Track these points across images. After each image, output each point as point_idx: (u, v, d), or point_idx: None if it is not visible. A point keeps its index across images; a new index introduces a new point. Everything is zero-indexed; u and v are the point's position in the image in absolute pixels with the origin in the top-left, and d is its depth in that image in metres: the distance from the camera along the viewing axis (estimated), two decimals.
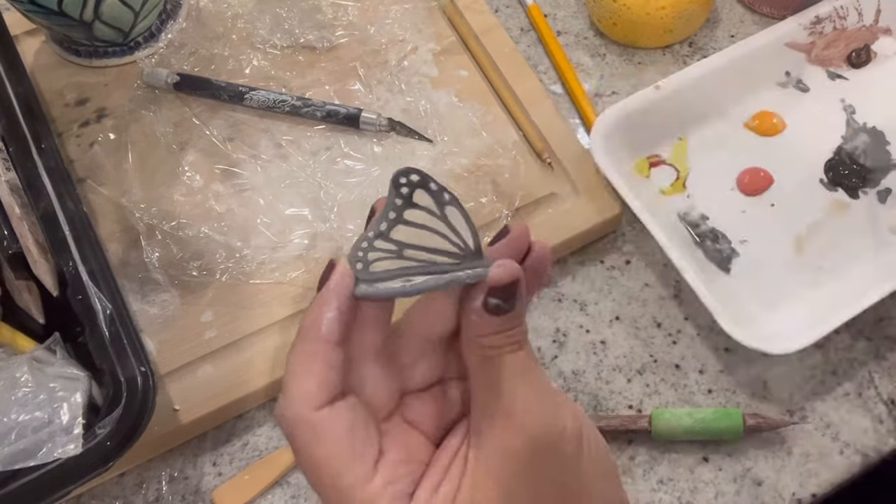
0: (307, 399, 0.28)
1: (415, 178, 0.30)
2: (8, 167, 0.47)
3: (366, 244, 0.30)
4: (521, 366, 0.29)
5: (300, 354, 0.29)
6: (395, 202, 0.30)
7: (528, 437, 0.28)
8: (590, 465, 0.30)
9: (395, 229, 0.30)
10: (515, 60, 0.61)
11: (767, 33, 0.60)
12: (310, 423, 0.28)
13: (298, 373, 0.29)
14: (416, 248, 0.30)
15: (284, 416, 0.29)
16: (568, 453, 0.29)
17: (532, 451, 0.28)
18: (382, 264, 0.30)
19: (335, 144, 0.58)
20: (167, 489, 0.49)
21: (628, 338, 0.53)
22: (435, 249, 0.30)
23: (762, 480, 0.49)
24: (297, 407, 0.28)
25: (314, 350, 0.29)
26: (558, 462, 0.29)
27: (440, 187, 0.30)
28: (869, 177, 0.58)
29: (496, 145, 0.58)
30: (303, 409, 0.28)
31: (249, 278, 0.53)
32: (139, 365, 0.41)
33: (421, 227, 0.30)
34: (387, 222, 0.30)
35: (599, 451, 0.31)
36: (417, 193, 0.30)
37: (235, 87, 0.59)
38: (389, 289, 0.29)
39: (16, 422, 0.39)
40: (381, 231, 0.30)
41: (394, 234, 0.30)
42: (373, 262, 0.30)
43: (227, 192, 0.57)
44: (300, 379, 0.29)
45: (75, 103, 0.61)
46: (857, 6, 0.62)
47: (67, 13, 0.57)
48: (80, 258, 0.44)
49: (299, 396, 0.29)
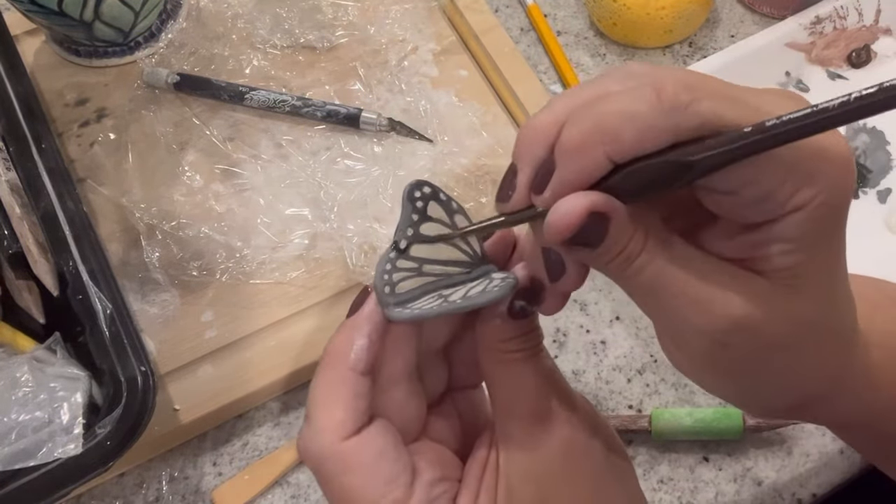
0: (336, 429, 0.27)
1: (427, 189, 0.29)
2: (8, 167, 0.47)
3: (389, 265, 0.29)
4: (545, 368, 0.29)
5: (326, 383, 0.28)
6: (412, 217, 0.29)
7: (561, 437, 0.28)
8: (617, 463, 0.30)
9: (414, 247, 0.29)
10: (515, 60, 0.61)
11: (767, 33, 0.60)
12: (339, 455, 0.27)
13: (324, 402, 0.28)
14: (432, 263, 0.29)
15: (309, 450, 0.28)
16: (599, 452, 0.29)
17: (566, 453, 0.28)
18: (406, 284, 0.29)
19: (335, 144, 0.58)
20: (167, 489, 0.49)
21: (628, 338, 0.53)
22: (448, 261, 0.30)
23: (762, 480, 0.49)
24: (325, 439, 0.27)
25: (340, 378, 0.28)
26: (591, 462, 0.29)
27: (448, 197, 0.30)
28: (869, 177, 0.58)
29: (496, 145, 0.58)
30: (331, 440, 0.27)
31: (249, 278, 0.53)
32: (139, 365, 0.41)
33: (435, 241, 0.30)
34: (406, 239, 0.29)
35: (621, 448, 0.31)
36: (431, 206, 0.29)
37: (235, 87, 0.59)
38: (430, 309, 0.28)
39: (16, 422, 0.39)
40: (402, 249, 0.29)
41: (413, 251, 0.29)
42: (398, 282, 0.29)
43: (227, 192, 0.57)
44: (327, 409, 0.28)
45: (75, 103, 0.61)
46: (857, 6, 0.62)
47: (67, 13, 0.57)
48: (80, 258, 0.44)
49: (328, 427, 0.27)
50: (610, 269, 0.25)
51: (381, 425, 0.28)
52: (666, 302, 0.25)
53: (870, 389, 0.30)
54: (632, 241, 0.24)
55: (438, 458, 0.30)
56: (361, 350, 0.28)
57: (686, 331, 0.25)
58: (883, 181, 0.58)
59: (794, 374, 0.27)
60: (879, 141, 0.59)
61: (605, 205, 0.24)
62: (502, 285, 0.28)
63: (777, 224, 0.23)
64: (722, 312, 0.24)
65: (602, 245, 0.24)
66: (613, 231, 0.24)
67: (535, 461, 0.28)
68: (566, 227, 0.24)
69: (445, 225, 0.29)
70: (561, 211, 0.24)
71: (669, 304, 0.25)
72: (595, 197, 0.24)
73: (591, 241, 0.24)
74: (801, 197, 0.23)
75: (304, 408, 0.52)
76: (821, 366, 0.28)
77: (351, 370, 0.28)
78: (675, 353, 0.28)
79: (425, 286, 0.29)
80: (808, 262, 0.24)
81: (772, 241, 0.24)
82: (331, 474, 0.27)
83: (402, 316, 0.28)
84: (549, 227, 0.24)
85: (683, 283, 0.24)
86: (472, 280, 0.29)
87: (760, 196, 0.23)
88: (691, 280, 0.24)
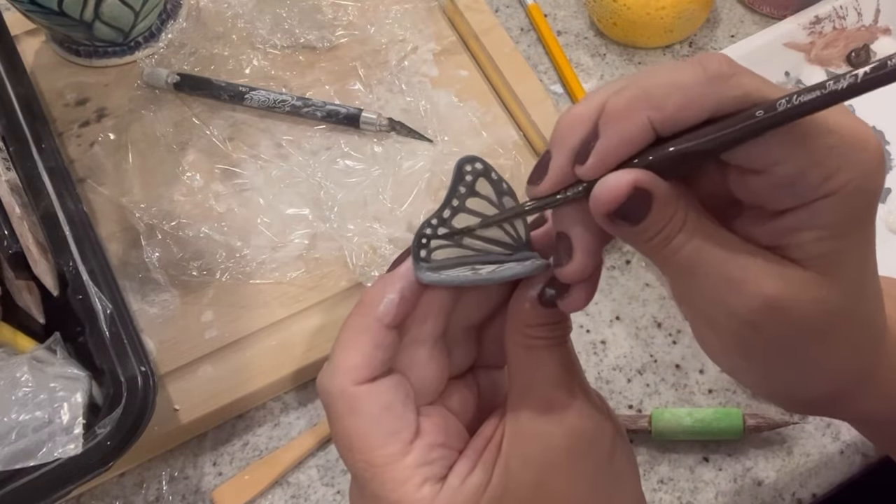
0: (349, 372, 0.28)
1: (479, 166, 0.30)
2: (8, 167, 0.47)
3: (430, 230, 0.30)
4: (566, 360, 0.30)
5: (352, 327, 0.29)
6: (459, 189, 0.30)
7: (570, 431, 0.28)
8: (621, 465, 0.30)
9: (457, 217, 0.30)
10: (515, 60, 0.61)
11: (767, 33, 0.60)
12: (348, 396, 0.28)
13: (346, 346, 0.29)
14: (474, 237, 0.30)
15: (324, 386, 0.29)
16: (604, 451, 0.29)
17: (571, 446, 0.28)
18: (443, 252, 0.30)
19: (335, 144, 0.58)
20: (167, 489, 0.49)
21: (628, 338, 0.53)
22: (490, 239, 0.30)
23: (762, 480, 0.49)
24: (339, 379, 0.28)
25: (366, 326, 0.29)
26: (594, 459, 0.29)
27: (499, 177, 0.30)
28: None
29: (496, 145, 0.58)
30: (344, 382, 0.28)
31: (249, 278, 0.53)
32: (139, 365, 0.41)
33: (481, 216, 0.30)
34: (450, 209, 0.30)
35: (629, 451, 0.31)
36: (480, 182, 0.30)
37: (235, 87, 0.59)
38: (456, 277, 0.29)
39: (16, 421, 0.39)
40: (444, 218, 0.30)
41: (455, 221, 0.30)
42: (435, 249, 0.30)
43: (227, 192, 0.57)
44: (346, 352, 0.29)
45: (75, 103, 0.61)
46: (856, 6, 0.62)
47: (67, 13, 0.57)
48: (80, 258, 0.44)
49: (342, 369, 0.28)
50: (649, 247, 0.26)
51: (396, 380, 0.29)
52: (700, 282, 0.25)
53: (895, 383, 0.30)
54: (672, 220, 0.25)
55: (446, 425, 0.30)
56: (391, 304, 0.29)
57: (719, 312, 0.26)
58: None
59: (824, 364, 0.27)
60: (879, 141, 0.59)
61: (650, 182, 0.24)
62: (531, 266, 0.28)
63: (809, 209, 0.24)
64: (755, 292, 0.25)
65: (644, 222, 0.25)
66: (656, 209, 0.25)
67: (539, 449, 0.28)
68: (613, 200, 0.24)
69: (493, 203, 0.30)
70: (608, 184, 0.24)
71: (704, 283, 0.25)
72: (640, 173, 0.24)
73: (634, 216, 0.25)
74: (834, 182, 0.23)
75: (304, 407, 0.52)
76: (852, 357, 0.28)
77: (377, 321, 0.29)
78: (708, 336, 0.28)
79: (462, 258, 0.30)
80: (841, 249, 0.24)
81: (804, 227, 0.24)
82: (338, 413, 0.28)
83: (429, 279, 0.29)
84: (595, 199, 0.25)
85: (719, 263, 0.25)
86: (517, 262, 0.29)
87: (792, 176, 0.23)
88: (727, 260, 0.25)
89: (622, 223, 0.25)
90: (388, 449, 0.28)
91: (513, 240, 0.30)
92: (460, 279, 0.29)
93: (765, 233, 0.25)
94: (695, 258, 0.25)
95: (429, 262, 0.30)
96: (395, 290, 0.29)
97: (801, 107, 0.22)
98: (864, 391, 0.30)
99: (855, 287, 0.26)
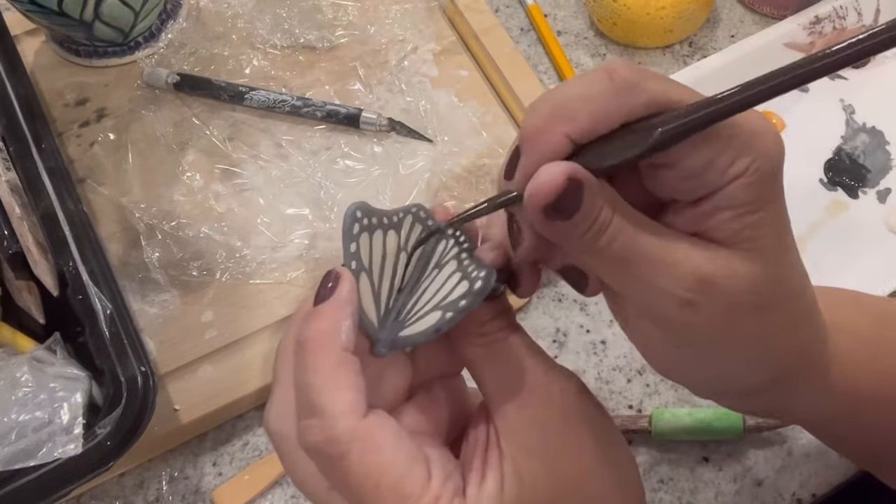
0: (352, 411, 0.26)
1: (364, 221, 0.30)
2: (8, 167, 0.47)
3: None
4: (524, 341, 0.30)
5: (325, 369, 0.27)
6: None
7: (555, 403, 0.29)
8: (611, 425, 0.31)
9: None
10: (515, 60, 0.61)
11: (767, 33, 0.60)
12: (363, 433, 0.26)
13: (332, 388, 0.27)
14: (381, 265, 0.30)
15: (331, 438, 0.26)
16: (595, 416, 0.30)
17: (562, 417, 0.29)
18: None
19: (335, 144, 0.58)
20: (167, 489, 0.49)
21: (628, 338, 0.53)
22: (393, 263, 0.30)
23: (762, 480, 0.49)
24: (346, 422, 0.26)
25: (339, 361, 0.27)
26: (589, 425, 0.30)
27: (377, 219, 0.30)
28: (868, 177, 0.58)
29: (496, 145, 0.58)
30: (353, 422, 0.26)
31: (249, 278, 0.53)
32: (139, 365, 0.41)
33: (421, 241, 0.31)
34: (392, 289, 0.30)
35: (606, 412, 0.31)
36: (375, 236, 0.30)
37: (235, 87, 0.59)
38: (421, 331, 0.28)
39: (16, 422, 0.39)
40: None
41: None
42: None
43: (227, 192, 0.57)
44: (338, 393, 0.27)
45: (75, 103, 0.61)
46: (856, 6, 0.62)
47: (67, 13, 0.57)
48: (80, 258, 0.44)
49: (344, 410, 0.26)
50: (584, 241, 0.26)
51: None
52: (637, 270, 0.26)
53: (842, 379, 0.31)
54: (602, 211, 0.26)
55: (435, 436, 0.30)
56: (350, 330, 0.28)
57: (657, 297, 0.27)
58: (882, 181, 0.58)
59: (764, 341, 0.28)
60: (879, 141, 0.59)
61: (580, 172, 0.25)
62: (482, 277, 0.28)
63: (720, 193, 0.25)
64: (688, 271, 0.26)
65: (577, 214, 0.25)
66: (587, 198, 0.25)
67: (536, 436, 0.28)
68: (548, 193, 0.25)
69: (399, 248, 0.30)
70: (541, 178, 0.25)
71: (640, 271, 0.26)
72: (570, 166, 0.25)
73: (568, 208, 0.25)
74: (738, 166, 0.25)
75: None
76: (790, 332, 0.29)
77: (345, 350, 0.27)
78: (649, 329, 0.29)
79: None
80: (756, 224, 0.26)
81: (719, 209, 0.26)
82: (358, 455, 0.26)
83: (394, 346, 0.29)
84: (531, 195, 0.25)
85: (652, 249, 0.26)
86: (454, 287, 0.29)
87: (700, 167, 0.25)
88: (659, 245, 0.26)
89: (556, 217, 0.25)
90: (414, 476, 0.27)
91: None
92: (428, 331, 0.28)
93: (685, 222, 0.27)
94: (629, 246, 0.26)
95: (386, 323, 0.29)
96: (346, 315, 0.28)
97: (701, 118, 0.24)
98: (807, 381, 0.31)
99: (777, 257, 0.27)
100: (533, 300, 0.55)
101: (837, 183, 0.58)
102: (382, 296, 0.29)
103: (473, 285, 0.28)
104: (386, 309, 0.29)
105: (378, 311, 0.29)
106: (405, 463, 0.27)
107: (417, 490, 0.26)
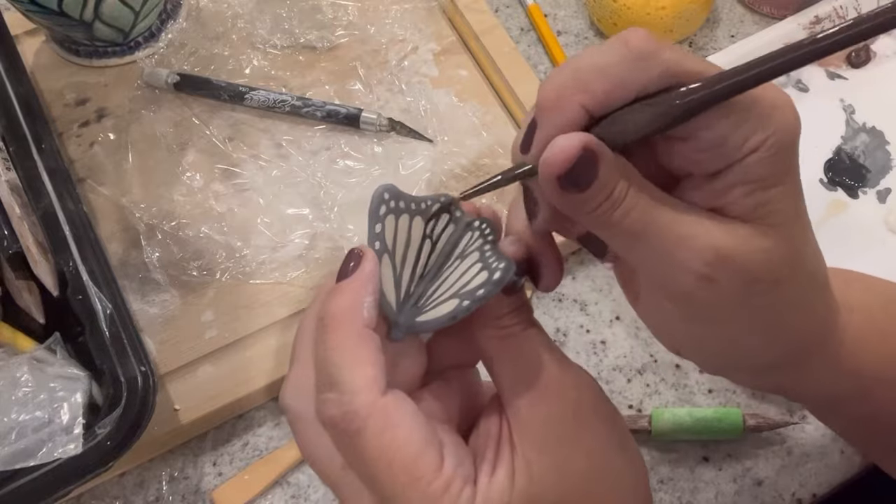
0: (371, 387, 0.26)
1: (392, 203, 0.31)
2: (8, 167, 0.47)
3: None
4: (541, 338, 0.30)
5: (346, 344, 0.27)
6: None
7: (569, 400, 0.29)
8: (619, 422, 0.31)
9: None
10: (515, 60, 0.61)
11: (767, 33, 0.60)
12: (380, 408, 0.26)
13: (351, 363, 0.27)
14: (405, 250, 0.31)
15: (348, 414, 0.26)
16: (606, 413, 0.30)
17: (575, 416, 0.29)
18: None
19: (335, 144, 0.58)
20: (167, 489, 0.49)
21: (628, 338, 0.53)
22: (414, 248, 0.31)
23: (762, 480, 0.49)
24: (365, 397, 0.26)
25: (360, 337, 0.27)
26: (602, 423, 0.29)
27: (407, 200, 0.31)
28: (868, 176, 0.58)
29: (496, 145, 0.58)
30: (371, 398, 0.26)
31: (249, 278, 0.53)
32: (139, 365, 0.41)
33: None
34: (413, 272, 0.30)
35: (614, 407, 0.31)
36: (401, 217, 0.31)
37: (235, 87, 0.59)
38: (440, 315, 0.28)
39: (16, 422, 0.39)
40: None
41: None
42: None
43: (227, 192, 0.57)
44: (358, 368, 0.27)
45: (75, 103, 0.61)
46: (856, 6, 0.62)
47: (67, 13, 0.57)
48: (80, 258, 0.44)
49: (364, 385, 0.26)
50: (598, 214, 0.26)
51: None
52: (652, 244, 0.26)
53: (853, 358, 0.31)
54: (617, 185, 0.26)
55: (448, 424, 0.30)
56: (372, 307, 0.28)
57: (673, 272, 0.26)
58: (883, 181, 0.58)
59: (778, 317, 0.28)
60: (879, 141, 0.59)
61: (595, 143, 0.25)
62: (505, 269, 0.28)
63: (737, 167, 0.25)
64: (706, 245, 0.26)
65: (592, 187, 0.25)
66: (603, 171, 0.25)
67: (549, 428, 0.28)
68: (562, 162, 0.25)
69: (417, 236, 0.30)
70: (556, 147, 0.25)
71: (656, 245, 0.26)
72: (586, 137, 0.25)
73: (582, 180, 0.25)
74: (755, 139, 0.25)
75: None
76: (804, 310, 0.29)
77: (366, 327, 0.27)
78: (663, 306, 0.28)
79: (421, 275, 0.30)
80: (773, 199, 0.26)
81: (735, 184, 0.26)
82: (374, 431, 0.26)
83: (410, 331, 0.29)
84: (545, 164, 0.25)
85: (668, 222, 0.26)
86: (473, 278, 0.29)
87: (717, 140, 0.25)
88: (675, 219, 0.26)
89: (571, 189, 0.25)
90: (428, 458, 0.26)
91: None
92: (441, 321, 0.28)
93: (701, 197, 0.27)
94: (645, 219, 0.26)
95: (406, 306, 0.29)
96: (368, 292, 0.28)
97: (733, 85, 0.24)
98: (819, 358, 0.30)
99: (793, 233, 0.27)
100: (533, 300, 0.55)
101: (837, 183, 0.58)
102: (403, 280, 0.30)
103: (493, 275, 0.28)
104: (406, 294, 0.29)
105: (398, 295, 0.29)
106: (420, 444, 0.26)
107: (430, 472, 0.26)
